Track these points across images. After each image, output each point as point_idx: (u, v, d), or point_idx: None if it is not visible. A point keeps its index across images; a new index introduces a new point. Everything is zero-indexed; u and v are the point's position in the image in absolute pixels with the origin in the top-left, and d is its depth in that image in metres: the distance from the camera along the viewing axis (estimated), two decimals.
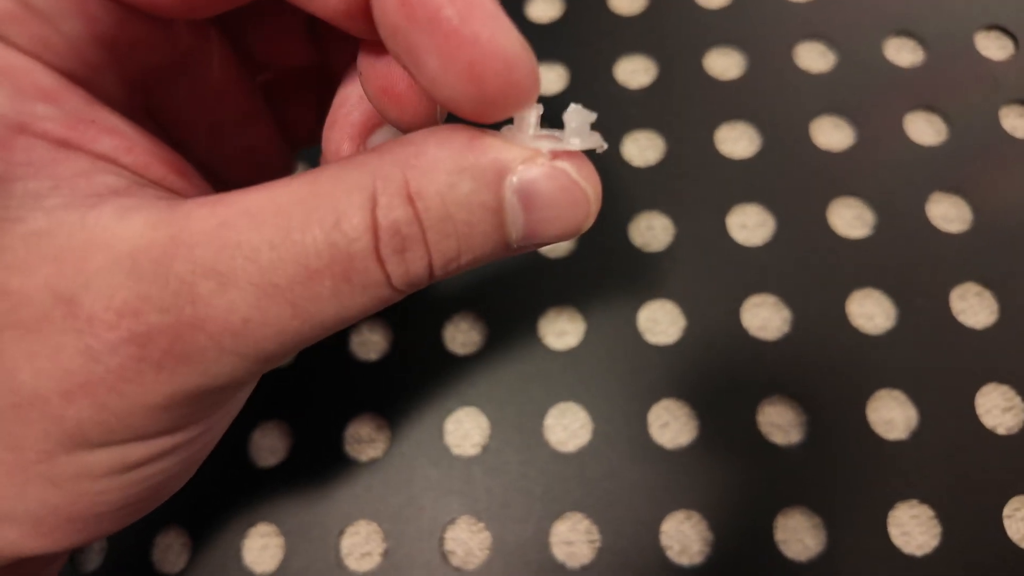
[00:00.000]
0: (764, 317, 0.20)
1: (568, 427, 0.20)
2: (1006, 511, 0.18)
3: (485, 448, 0.20)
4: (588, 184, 0.12)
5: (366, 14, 0.11)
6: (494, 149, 0.11)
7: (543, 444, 0.20)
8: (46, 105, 0.11)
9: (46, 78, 0.11)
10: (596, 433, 0.20)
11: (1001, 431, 0.19)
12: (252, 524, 0.19)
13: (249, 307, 0.10)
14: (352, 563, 0.19)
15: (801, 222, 0.21)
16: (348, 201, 0.11)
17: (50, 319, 0.10)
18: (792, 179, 0.22)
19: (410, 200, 0.11)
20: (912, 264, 0.21)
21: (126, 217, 0.11)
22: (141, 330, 0.10)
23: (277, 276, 0.10)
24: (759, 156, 0.22)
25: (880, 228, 0.21)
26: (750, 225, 0.22)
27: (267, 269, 0.10)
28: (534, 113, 0.11)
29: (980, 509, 0.18)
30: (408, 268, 0.11)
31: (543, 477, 0.19)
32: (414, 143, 0.11)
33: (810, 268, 0.21)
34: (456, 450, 0.20)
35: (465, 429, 0.20)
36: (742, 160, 0.22)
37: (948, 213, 0.21)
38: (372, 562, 0.19)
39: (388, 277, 0.11)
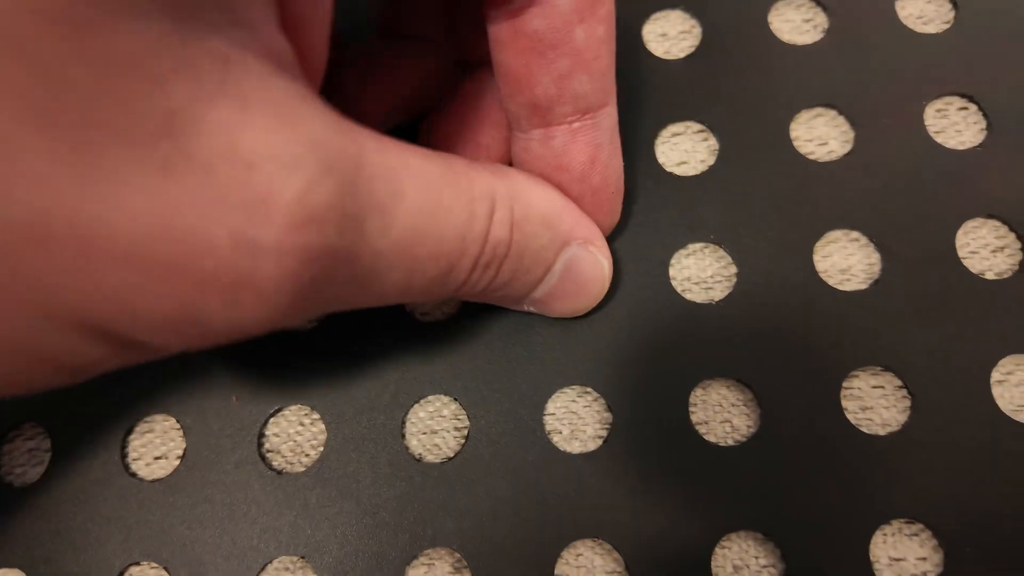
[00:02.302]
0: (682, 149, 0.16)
1: None
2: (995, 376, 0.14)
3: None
4: (608, 280, 0.14)
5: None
6: (570, 219, 0.13)
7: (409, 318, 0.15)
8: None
9: None
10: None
11: (990, 276, 0.15)
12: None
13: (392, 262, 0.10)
14: None
15: (737, 29, 0.17)
16: (479, 204, 0.11)
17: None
18: None
19: (512, 228, 0.11)
20: (875, 76, 0.16)
21: (311, 101, 0.09)
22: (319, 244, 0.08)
23: (421, 241, 0.10)
24: None
25: (832, 32, 0.16)
26: (672, 35, 0.17)
27: (414, 232, 0.10)
28: None
29: (964, 373, 0.14)
30: (476, 282, 0.11)
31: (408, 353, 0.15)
32: (517, 181, 0.12)
33: (748, 88, 0.16)
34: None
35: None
36: None
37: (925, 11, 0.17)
38: None
39: (464, 283, 0.11)
